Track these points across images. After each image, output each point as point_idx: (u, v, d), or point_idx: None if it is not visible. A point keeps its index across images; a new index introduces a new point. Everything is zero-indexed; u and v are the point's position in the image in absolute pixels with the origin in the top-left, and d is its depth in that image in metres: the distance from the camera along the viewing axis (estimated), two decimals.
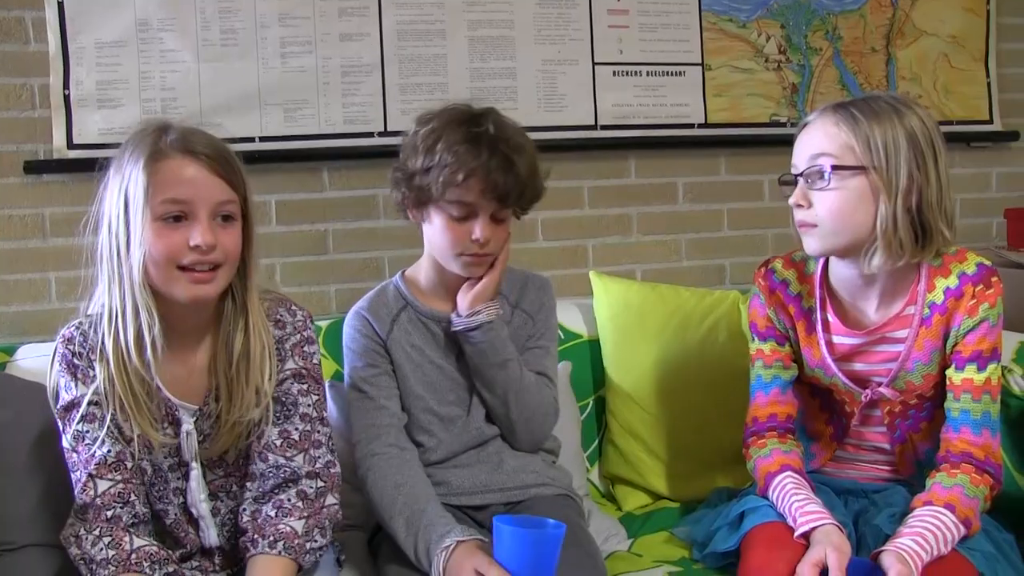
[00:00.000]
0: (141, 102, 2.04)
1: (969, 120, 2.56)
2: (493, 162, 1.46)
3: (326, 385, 1.74)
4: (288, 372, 1.38)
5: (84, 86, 2.01)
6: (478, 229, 1.50)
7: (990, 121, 2.58)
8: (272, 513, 1.32)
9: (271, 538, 1.30)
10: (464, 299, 1.57)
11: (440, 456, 1.61)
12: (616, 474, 1.96)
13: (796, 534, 1.37)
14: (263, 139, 2.10)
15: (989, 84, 2.57)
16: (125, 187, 1.25)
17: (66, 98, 2.00)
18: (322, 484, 1.36)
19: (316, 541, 1.33)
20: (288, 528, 1.31)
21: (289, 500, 1.33)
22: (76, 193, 2.00)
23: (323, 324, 1.89)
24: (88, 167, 1.94)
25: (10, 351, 1.77)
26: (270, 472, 1.34)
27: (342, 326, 1.66)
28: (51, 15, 1.98)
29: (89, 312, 1.33)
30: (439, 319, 1.62)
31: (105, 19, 2.00)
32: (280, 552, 1.29)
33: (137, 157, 1.26)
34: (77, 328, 1.33)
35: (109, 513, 1.27)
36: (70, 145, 2.00)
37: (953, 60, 2.54)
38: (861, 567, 1.29)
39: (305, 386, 1.39)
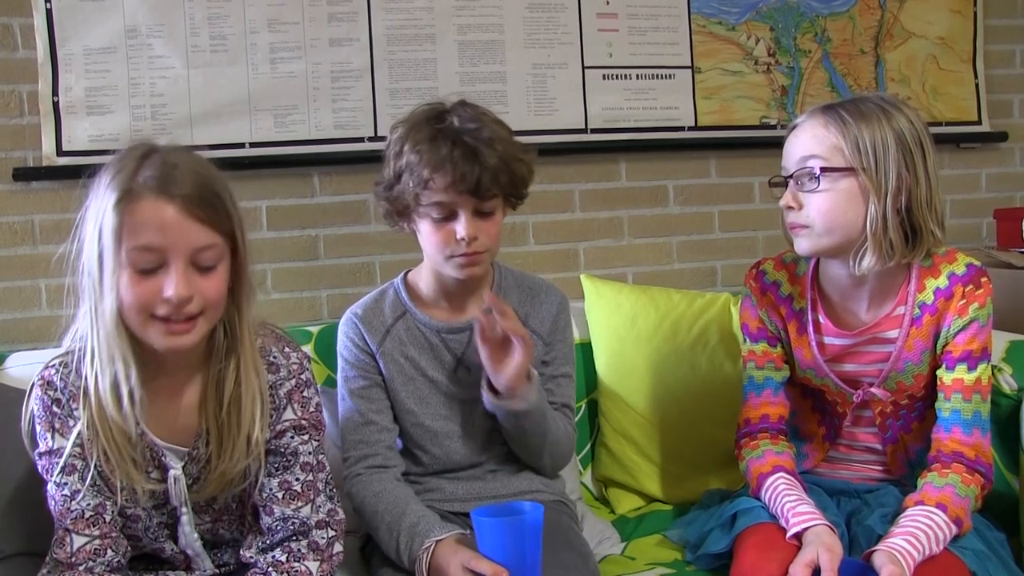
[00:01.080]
0: (131, 108, 2.03)
1: (958, 121, 2.57)
2: (456, 153, 1.41)
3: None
4: (287, 424, 1.29)
5: (73, 93, 2.00)
6: (461, 227, 1.44)
7: (979, 122, 2.59)
8: (283, 559, 1.27)
9: (285, 574, 1.25)
10: (500, 379, 1.46)
11: (434, 470, 1.59)
12: (609, 477, 1.96)
13: (788, 535, 1.37)
14: (253, 145, 2.10)
15: (977, 85, 2.58)
16: (100, 225, 1.15)
17: (55, 105, 1.99)
18: (332, 533, 1.31)
19: None
20: (304, 568, 1.26)
21: (300, 550, 1.28)
22: (66, 200, 2.00)
23: (314, 330, 1.89)
24: (78, 174, 1.92)
25: (0, 359, 1.77)
26: (278, 525, 1.28)
27: (334, 331, 1.65)
28: (39, 21, 1.97)
29: (70, 347, 1.24)
30: (437, 329, 1.57)
31: (93, 25, 2.00)
32: None
33: (111, 192, 1.15)
34: (57, 370, 1.24)
35: (82, 568, 1.21)
36: (59, 152, 2.00)
37: (941, 62, 2.55)
38: (853, 567, 1.29)
39: (305, 436, 1.31)
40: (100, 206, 1.15)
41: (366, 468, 1.51)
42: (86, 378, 1.19)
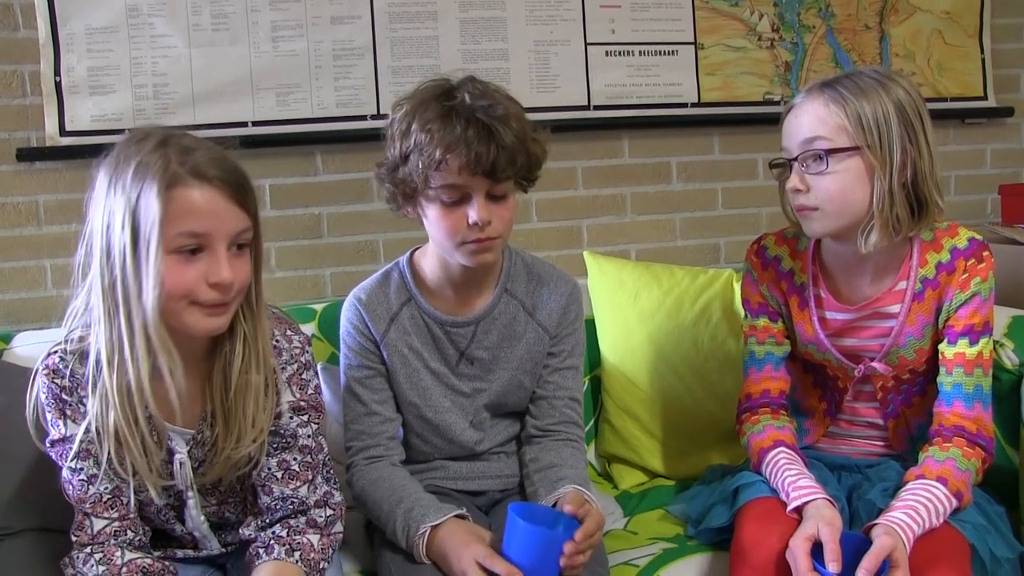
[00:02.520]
0: (133, 88, 2.03)
1: (963, 97, 2.56)
2: (471, 133, 1.32)
3: (319, 369, 1.75)
4: (286, 405, 1.29)
5: (75, 73, 2.00)
6: (474, 212, 1.35)
7: (984, 97, 2.57)
8: (283, 533, 1.28)
9: (288, 547, 1.26)
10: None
11: (436, 457, 1.59)
12: (612, 453, 1.97)
13: (789, 509, 1.38)
14: (256, 124, 2.11)
15: (983, 60, 2.56)
16: (135, 215, 1.11)
17: (57, 85, 2.00)
18: (331, 512, 1.32)
19: (327, 561, 1.29)
20: (306, 541, 1.28)
21: (299, 526, 1.29)
22: (70, 180, 2.01)
23: (318, 308, 1.90)
24: (81, 154, 1.98)
25: (7, 339, 1.78)
26: (276, 505, 1.29)
27: (338, 309, 1.64)
28: (40, 1, 1.97)
29: (70, 336, 1.22)
30: (441, 322, 1.52)
31: (95, 5, 2.00)
32: (297, 561, 1.25)
33: (147, 181, 1.12)
34: (61, 357, 1.22)
35: (106, 544, 1.23)
36: (63, 132, 2.00)
37: (947, 36, 2.53)
38: (853, 540, 1.30)
39: (304, 417, 1.31)
40: (132, 196, 1.12)
41: (365, 459, 1.50)
42: (104, 375, 1.17)
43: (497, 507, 1.58)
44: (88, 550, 1.22)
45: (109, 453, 1.19)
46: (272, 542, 1.27)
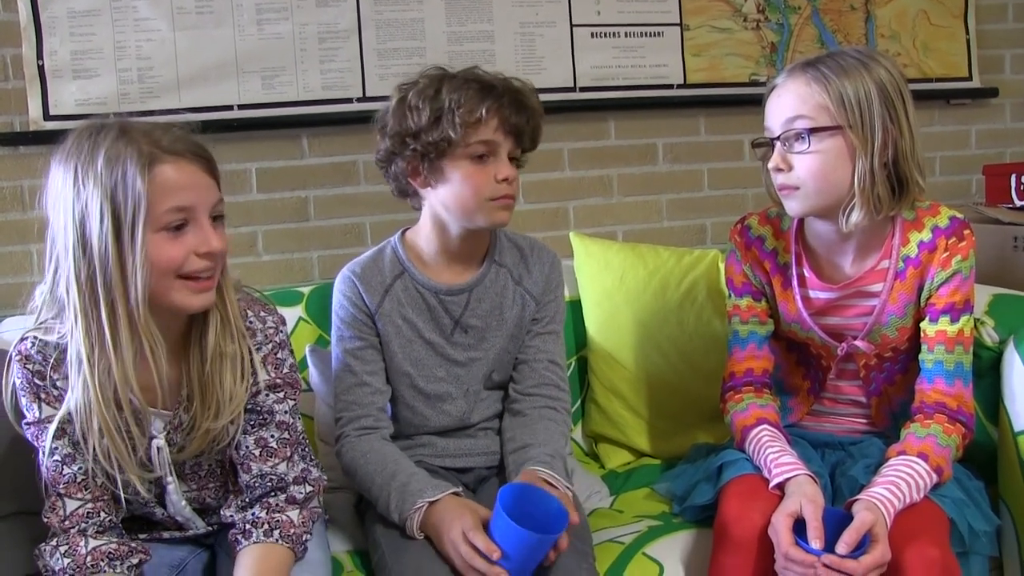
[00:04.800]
0: (117, 72, 2.02)
1: (948, 77, 2.56)
2: (506, 99, 1.45)
3: (307, 351, 1.76)
4: (262, 384, 1.30)
5: (58, 56, 1.99)
6: (504, 167, 1.46)
7: (969, 78, 2.58)
8: (262, 514, 1.29)
9: (266, 527, 1.27)
10: None
11: (425, 430, 1.60)
12: (599, 433, 1.98)
13: (771, 485, 1.39)
14: (241, 107, 2.10)
15: (968, 40, 2.57)
16: (115, 202, 1.12)
17: (40, 69, 1.98)
18: (310, 488, 1.33)
19: (309, 534, 1.30)
20: (285, 518, 1.28)
21: (278, 504, 1.30)
22: None
23: (305, 290, 1.90)
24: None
25: None
26: (255, 482, 1.30)
27: (325, 292, 1.65)
28: None
29: (45, 325, 1.22)
30: (436, 290, 1.56)
31: None
32: (277, 540, 1.27)
33: (124, 166, 1.13)
34: (33, 343, 1.22)
35: (74, 531, 1.23)
36: (46, 116, 1.99)
37: (932, 17, 2.54)
38: (835, 516, 1.32)
39: (280, 394, 1.32)
40: (104, 186, 1.12)
41: (356, 430, 1.51)
42: (85, 368, 1.16)
43: (484, 484, 1.59)
44: (55, 541, 1.22)
45: (94, 448, 1.20)
46: (250, 526, 1.28)
